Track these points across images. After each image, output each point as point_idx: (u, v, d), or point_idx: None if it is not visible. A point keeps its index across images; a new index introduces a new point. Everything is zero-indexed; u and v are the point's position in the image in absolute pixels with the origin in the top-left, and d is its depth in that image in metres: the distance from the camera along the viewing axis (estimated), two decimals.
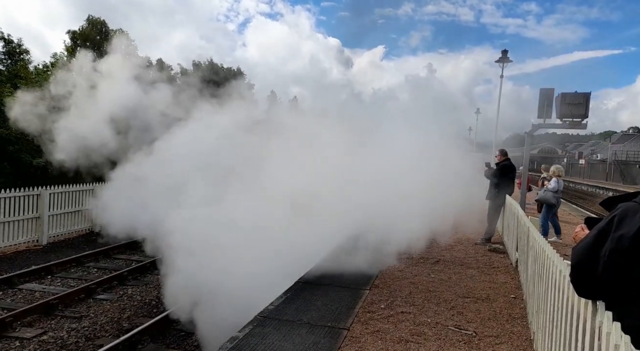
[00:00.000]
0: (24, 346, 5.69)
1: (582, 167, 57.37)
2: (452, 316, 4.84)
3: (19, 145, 13.02)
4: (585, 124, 10.03)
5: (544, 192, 9.56)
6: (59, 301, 6.96)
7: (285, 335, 4.24)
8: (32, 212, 10.44)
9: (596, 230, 1.92)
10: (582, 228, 2.27)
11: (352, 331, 4.37)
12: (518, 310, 5.11)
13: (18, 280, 7.97)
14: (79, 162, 10.90)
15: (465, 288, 5.85)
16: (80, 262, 9.40)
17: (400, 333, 4.34)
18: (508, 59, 19.60)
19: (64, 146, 10.46)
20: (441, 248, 8.25)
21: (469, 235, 9.28)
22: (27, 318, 6.43)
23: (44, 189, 10.71)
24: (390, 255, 7.08)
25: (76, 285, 7.97)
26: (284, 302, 5.14)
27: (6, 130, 12.66)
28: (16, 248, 10.00)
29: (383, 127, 9.82)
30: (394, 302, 5.22)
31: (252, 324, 4.49)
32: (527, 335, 4.41)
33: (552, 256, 3.29)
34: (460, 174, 9.58)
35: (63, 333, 6.11)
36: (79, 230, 11.83)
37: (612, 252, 1.80)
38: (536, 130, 10.67)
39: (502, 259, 7.60)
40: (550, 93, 10.28)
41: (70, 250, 10.25)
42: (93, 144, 10.63)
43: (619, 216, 1.85)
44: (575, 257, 1.97)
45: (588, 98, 9.79)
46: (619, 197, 2.07)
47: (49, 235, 10.85)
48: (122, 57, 12.19)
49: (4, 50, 18.68)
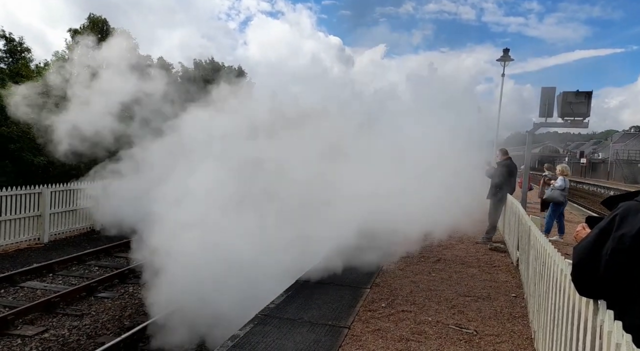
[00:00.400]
0: (25, 343, 5.71)
1: (583, 166, 57.29)
2: (453, 315, 4.84)
3: (20, 143, 13.03)
4: (586, 123, 10.03)
5: (552, 190, 9.57)
6: (61, 299, 6.97)
7: (286, 334, 4.25)
8: (34, 210, 10.46)
9: (597, 229, 1.92)
10: (584, 227, 2.27)
11: (352, 330, 4.38)
12: (519, 309, 5.11)
13: (20, 278, 7.99)
14: (79, 158, 10.88)
15: (466, 287, 5.85)
16: (82, 260, 9.42)
17: (401, 332, 4.35)
18: (509, 58, 19.53)
19: (66, 139, 10.40)
20: (442, 246, 8.25)
21: (470, 234, 9.28)
22: (28, 315, 6.44)
23: (45, 187, 10.73)
24: (391, 253, 7.09)
25: (77, 283, 7.98)
26: (284, 301, 5.15)
27: (7, 129, 12.68)
28: (18, 246, 10.02)
29: (389, 123, 9.82)
30: (394, 301, 5.22)
31: (253, 322, 4.49)
32: (528, 333, 4.41)
33: (554, 255, 3.29)
34: (463, 173, 9.60)
35: (64, 331, 6.12)
36: (80, 228, 11.85)
37: (613, 251, 1.80)
38: (538, 129, 10.66)
39: (503, 258, 7.60)
40: (551, 92, 10.27)
41: (72, 248, 10.26)
42: (94, 138, 10.59)
43: (621, 215, 1.85)
44: (576, 256, 1.97)
45: (590, 97, 9.78)
46: (621, 196, 2.07)
47: (51, 233, 10.87)
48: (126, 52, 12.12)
49: (6, 49, 18.71)
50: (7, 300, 7.06)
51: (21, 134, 12.92)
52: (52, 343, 5.76)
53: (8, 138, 12.75)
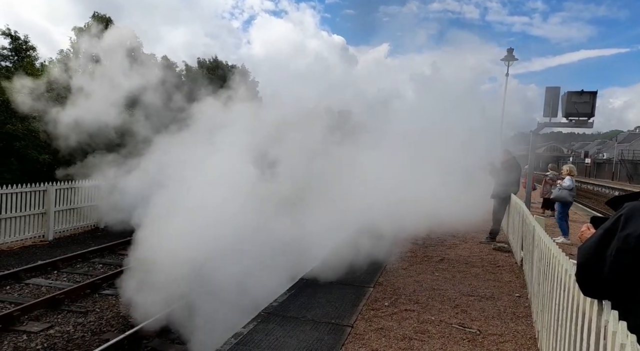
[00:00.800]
0: (31, 339, 5.75)
1: (588, 166, 57.04)
2: (456, 315, 4.84)
3: (25, 141, 13.09)
4: (591, 123, 9.98)
5: (559, 190, 9.53)
6: (65, 296, 7.02)
7: (289, 331, 4.26)
8: (39, 208, 10.53)
9: (602, 230, 1.92)
10: (588, 227, 2.26)
11: (355, 329, 4.39)
12: (522, 308, 5.10)
13: (25, 275, 8.04)
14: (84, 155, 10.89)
15: (470, 287, 5.85)
16: (86, 258, 9.47)
17: (404, 331, 4.35)
18: (513, 57, 19.47)
19: (70, 135, 10.39)
20: (446, 246, 8.24)
21: (473, 234, 9.27)
22: (34, 312, 6.49)
23: (50, 185, 10.80)
24: (394, 252, 7.09)
25: (82, 280, 8.03)
26: (287, 299, 5.17)
27: (13, 127, 12.74)
28: (22, 243, 10.09)
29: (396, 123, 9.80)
30: (397, 300, 5.22)
31: (256, 320, 4.51)
32: (531, 333, 4.41)
33: (558, 255, 3.29)
34: (467, 172, 9.58)
35: (69, 327, 6.16)
36: (85, 225, 11.91)
37: (618, 251, 1.79)
38: (542, 128, 10.62)
39: (507, 258, 7.58)
40: (556, 92, 10.22)
41: (76, 246, 10.32)
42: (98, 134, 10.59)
43: (625, 215, 1.84)
44: (581, 256, 1.97)
45: (594, 96, 9.72)
46: (625, 196, 2.06)
47: (55, 231, 10.93)
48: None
49: (11, 47, 18.79)
50: (12, 297, 7.11)
51: (26, 132, 12.98)
52: (57, 339, 5.80)
53: (13, 136, 12.80)
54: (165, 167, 8.57)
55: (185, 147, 8.36)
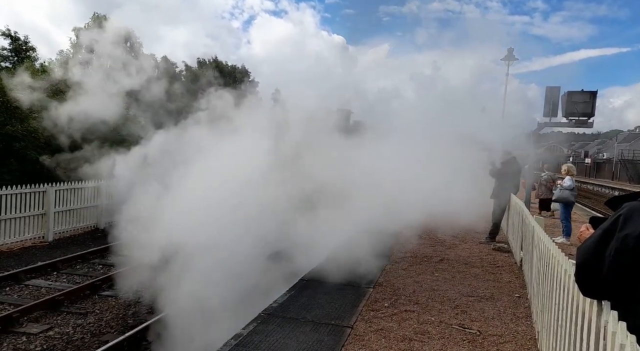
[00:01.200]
0: (30, 341, 5.74)
1: (588, 166, 57.03)
2: (456, 315, 4.83)
3: (25, 141, 13.08)
4: (591, 123, 10.00)
5: (561, 190, 9.50)
6: (65, 297, 7.01)
7: (289, 333, 4.26)
8: (38, 209, 10.52)
9: (601, 230, 1.91)
10: (587, 227, 2.26)
11: (355, 330, 4.38)
12: (522, 309, 5.09)
13: (24, 276, 8.03)
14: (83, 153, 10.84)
15: (470, 287, 5.84)
16: (86, 259, 9.47)
17: (404, 332, 4.34)
18: (514, 57, 19.46)
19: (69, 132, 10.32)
20: (445, 246, 8.23)
21: (473, 234, 9.26)
22: (33, 313, 6.48)
23: (49, 186, 10.79)
24: (394, 253, 7.08)
25: (82, 281, 8.02)
26: (287, 300, 5.16)
27: (12, 128, 12.73)
28: (22, 244, 10.09)
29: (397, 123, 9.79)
30: (397, 301, 5.22)
31: (256, 321, 4.50)
32: (531, 334, 4.40)
33: (557, 255, 3.28)
34: (467, 172, 9.57)
35: (69, 328, 6.16)
36: (85, 226, 11.91)
37: (617, 252, 1.79)
38: (542, 128, 10.64)
39: (507, 258, 7.58)
40: (556, 92, 10.24)
41: (76, 247, 10.31)
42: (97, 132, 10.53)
43: (625, 215, 1.84)
44: (580, 256, 1.96)
45: (594, 96, 9.73)
46: (625, 196, 2.06)
47: (55, 232, 10.92)
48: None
49: (11, 48, 18.80)
50: (12, 298, 7.11)
51: (26, 133, 12.98)
52: (56, 341, 5.80)
53: (13, 137, 12.80)
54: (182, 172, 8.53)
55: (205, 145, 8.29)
